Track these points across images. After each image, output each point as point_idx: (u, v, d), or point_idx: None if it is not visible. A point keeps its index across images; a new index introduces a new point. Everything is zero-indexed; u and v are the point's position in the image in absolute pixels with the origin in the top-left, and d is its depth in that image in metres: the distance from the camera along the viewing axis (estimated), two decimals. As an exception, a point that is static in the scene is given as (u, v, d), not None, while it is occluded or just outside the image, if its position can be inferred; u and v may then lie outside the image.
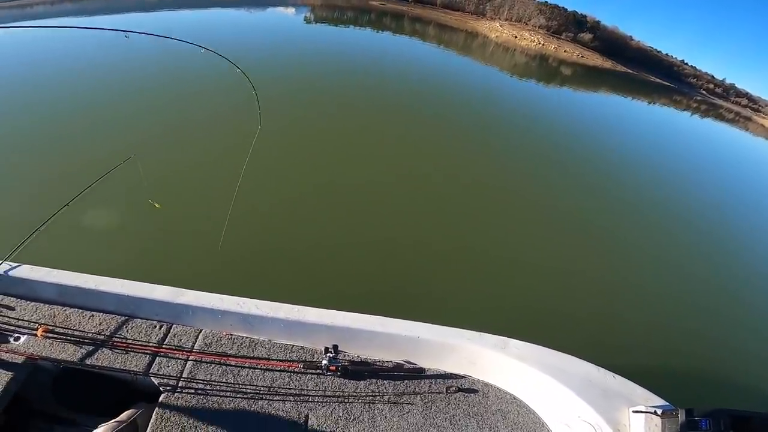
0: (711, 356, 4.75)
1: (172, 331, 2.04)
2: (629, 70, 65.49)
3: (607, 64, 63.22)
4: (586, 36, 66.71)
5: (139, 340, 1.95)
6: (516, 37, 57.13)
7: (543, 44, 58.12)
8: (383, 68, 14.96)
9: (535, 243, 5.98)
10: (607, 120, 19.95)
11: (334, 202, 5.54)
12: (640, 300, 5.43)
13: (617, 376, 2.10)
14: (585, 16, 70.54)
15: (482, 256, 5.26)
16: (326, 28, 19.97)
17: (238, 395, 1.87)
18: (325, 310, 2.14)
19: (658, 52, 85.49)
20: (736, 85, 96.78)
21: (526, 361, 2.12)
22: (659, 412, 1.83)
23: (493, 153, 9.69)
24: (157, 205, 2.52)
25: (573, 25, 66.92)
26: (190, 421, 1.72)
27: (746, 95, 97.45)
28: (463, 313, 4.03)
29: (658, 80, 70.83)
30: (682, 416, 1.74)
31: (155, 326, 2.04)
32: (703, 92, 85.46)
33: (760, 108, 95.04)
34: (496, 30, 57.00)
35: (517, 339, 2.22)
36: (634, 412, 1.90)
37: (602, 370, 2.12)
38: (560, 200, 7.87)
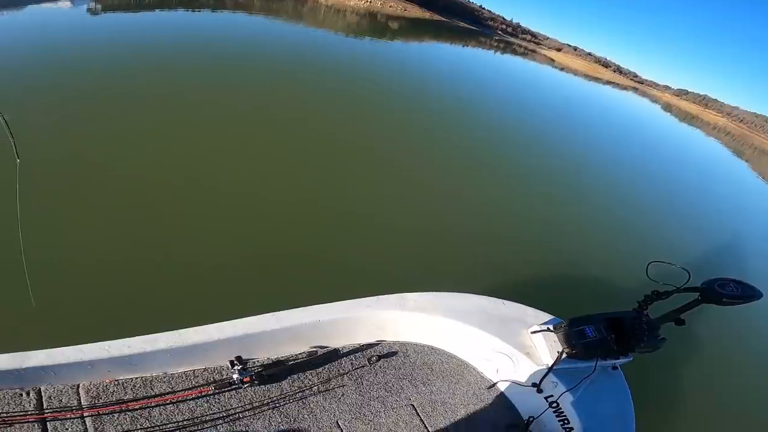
0: (575, 266, 5.59)
1: (44, 394, 1.68)
2: (444, 19, 73.33)
3: (426, 14, 69.27)
4: (405, -11, 70.98)
5: (13, 412, 1.60)
6: (343, -5, 56.93)
7: (370, 2, 59.61)
8: (198, 51, 13.00)
9: (399, 196, 6.34)
10: (441, 66, 22.54)
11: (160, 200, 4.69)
12: (505, 227, 6.29)
13: (506, 302, 2.25)
14: (400, -30, 74.30)
15: (358, 220, 5.30)
16: (119, 17, 15.88)
17: None
18: (212, 325, 1.93)
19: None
20: (521, 24, 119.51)
21: (427, 310, 2.18)
22: (551, 327, 1.98)
23: (345, 110, 9.85)
24: None
25: (391, -21, 69.94)
26: None
27: (529, 32, 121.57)
28: (358, 282, 4.08)
29: (467, 25, 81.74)
30: (568, 327, 1.88)
31: (20, 394, 1.65)
32: (500, 32, 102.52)
33: (540, 42, 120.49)
34: (321, -10, 55.51)
35: (412, 293, 2.26)
36: (532, 333, 2.05)
37: (492, 299, 2.25)
38: (415, 151, 8.62)
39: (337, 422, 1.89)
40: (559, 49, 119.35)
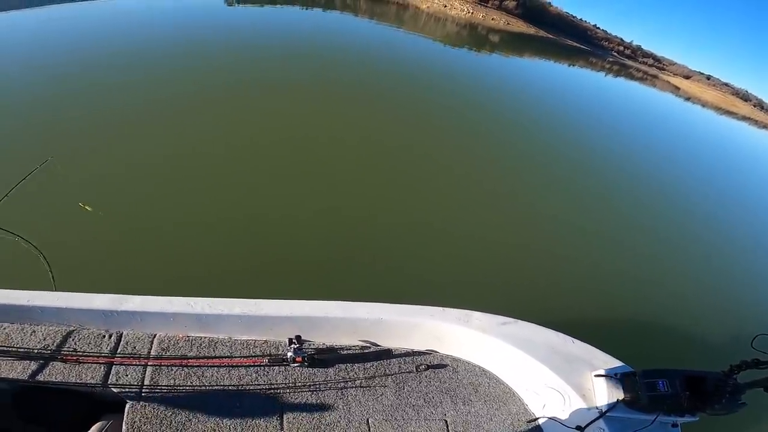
0: (662, 317, 5.02)
1: (123, 339, 1.92)
2: (550, 35, 69.34)
3: (531, 30, 66.29)
4: (511, 3, 69.02)
5: (89, 352, 1.82)
6: (446, 6, 57.38)
7: (472, 13, 59.23)
8: (315, 49, 14.28)
9: (487, 216, 6.15)
10: (536, 84, 21.26)
11: (279, 192, 5.27)
12: (591, 266, 5.72)
13: (576, 340, 2.15)
14: (509, -17, 72.53)
15: (437, 231, 5.35)
16: (250, 11, 18.42)
17: (207, 397, 1.81)
18: (284, 301, 2.07)
19: (574, 17, 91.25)
20: (642, 47, 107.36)
21: (490, 332, 2.14)
22: (619, 374, 1.87)
23: (443, 125, 9.73)
24: (88, 208, 2.36)
25: (498, -7, 68.65)
26: (162, 429, 1.67)
27: (651, 55, 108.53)
28: (425, 289, 4.10)
29: (576, 44, 76.03)
30: (640, 378, 1.77)
31: (104, 336, 1.91)
32: (615, 54, 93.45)
33: (664, 67, 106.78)
34: (427, 1, 56.76)
35: (479, 311, 2.22)
36: (596, 376, 1.94)
37: (562, 335, 2.16)
38: (507, 171, 8.21)
39: (367, 420, 1.92)
40: (687, 77, 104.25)
